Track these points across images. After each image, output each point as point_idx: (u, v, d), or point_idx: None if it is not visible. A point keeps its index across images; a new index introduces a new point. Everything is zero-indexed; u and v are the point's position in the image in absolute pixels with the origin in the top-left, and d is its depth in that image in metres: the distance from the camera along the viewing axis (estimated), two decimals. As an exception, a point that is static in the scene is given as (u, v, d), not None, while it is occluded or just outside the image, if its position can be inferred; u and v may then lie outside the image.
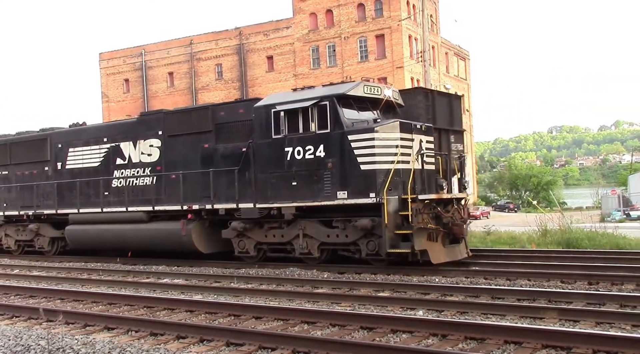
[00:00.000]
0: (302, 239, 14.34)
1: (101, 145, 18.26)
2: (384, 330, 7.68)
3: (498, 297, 9.88)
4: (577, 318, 8.03)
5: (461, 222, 13.84)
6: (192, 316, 9.34)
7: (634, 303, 8.88)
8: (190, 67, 59.81)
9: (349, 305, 9.74)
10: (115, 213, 17.57)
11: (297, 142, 14.11)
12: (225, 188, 15.33)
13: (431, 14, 50.76)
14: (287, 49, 54.96)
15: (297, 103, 14.15)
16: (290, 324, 8.37)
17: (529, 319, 8.24)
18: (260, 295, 10.96)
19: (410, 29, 50.78)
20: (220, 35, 59.07)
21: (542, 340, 6.73)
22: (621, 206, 45.95)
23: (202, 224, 16.08)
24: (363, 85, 14.10)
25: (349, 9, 51.94)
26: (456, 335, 7.22)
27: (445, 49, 59.78)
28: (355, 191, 13.30)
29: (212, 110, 16.12)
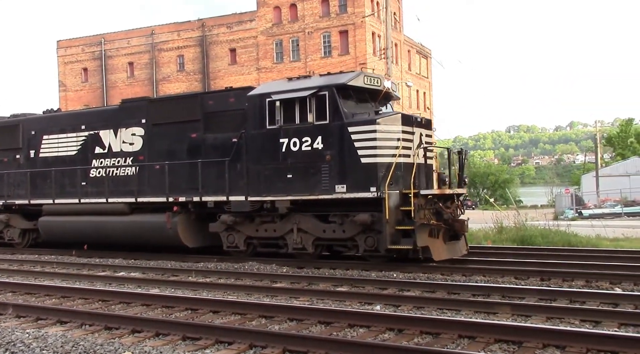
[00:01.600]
0: (297, 234, 13.85)
1: (79, 133, 17.45)
2: (341, 325, 7.73)
3: (454, 292, 10.06)
4: (529, 313, 8.23)
5: (462, 218, 13.53)
6: (148, 310, 9.23)
7: (583, 299, 9.15)
8: (151, 58, 58.84)
9: (307, 300, 9.77)
10: (94, 204, 16.79)
11: (294, 133, 13.56)
12: (215, 180, 14.76)
13: (395, 11, 51.08)
14: (250, 42, 54.57)
15: (294, 92, 13.61)
16: (248, 318, 8.36)
17: (483, 314, 8.39)
18: (219, 289, 10.90)
19: (374, 26, 51.03)
20: (183, 26, 58.26)
21: (495, 335, 6.88)
22: (574, 204, 47.20)
23: (188, 217, 15.49)
24: (363, 75, 13.65)
25: (313, 4, 51.86)
26: (412, 330, 7.31)
27: (407, 47, 60.29)
28: (354, 185, 12.87)
29: (200, 98, 15.57)
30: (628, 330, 7.37)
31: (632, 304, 8.75)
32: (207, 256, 15.47)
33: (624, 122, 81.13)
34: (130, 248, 17.31)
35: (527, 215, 23.93)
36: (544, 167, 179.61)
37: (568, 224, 21.23)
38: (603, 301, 9.02)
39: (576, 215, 40.25)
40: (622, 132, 76.59)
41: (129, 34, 60.42)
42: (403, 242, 12.59)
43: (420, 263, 12.98)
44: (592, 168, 62.49)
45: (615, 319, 7.73)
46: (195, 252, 15.89)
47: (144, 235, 16.06)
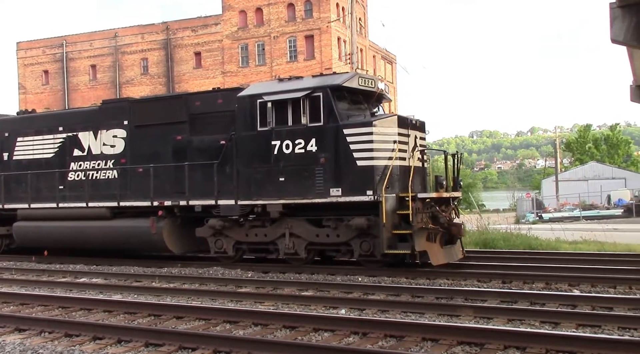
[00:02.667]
0: (289, 239, 13.46)
1: (56, 135, 16.72)
2: (306, 329, 7.73)
3: (418, 295, 10.15)
4: (491, 315, 8.37)
5: (459, 222, 13.33)
6: (110, 316, 9.07)
7: (542, 301, 9.34)
8: (115, 61, 58.00)
9: (272, 304, 9.75)
10: (73, 208, 16.09)
11: (286, 135, 13.20)
12: (202, 184, 14.29)
13: (360, 17, 51.46)
14: (215, 45, 54.29)
15: (286, 93, 13.25)
16: (212, 323, 8.29)
17: (446, 317, 8.50)
18: (183, 295, 10.79)
19: (340, 31, 51.31)
20: (147, 29, 57.64)
21: (458, 337, 6.97)
22: (534, 208, 48.21)
23: (173, 222, 14.94)
24: (358, 76, 13.37)
25: (279, 9, 51.89)
26: (376, 333, 7.36)
27: (373, 52, 60.77)
28: (350, 188, 12.56)
29: (186, 99, 15.09)
30: (585, 331, 7.56)
31: (590, 306, 8.97)
32: (171, 262, 15.29)
33: (582, 127, 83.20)
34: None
35: (489, 219, 24.33)
36: (506, 172, 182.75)
37: (529, 228, 21.64)
38: (562, 302, 9.21)
39: (537, 219, 41.11)
40: (580, 137, 78.53)
41: (91, 36, 59.48)
42: (400, 247, 12.35)
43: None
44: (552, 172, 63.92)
45: (574, 320, 7.91)
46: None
47: (127, 241, 15.52)
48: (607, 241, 18.11)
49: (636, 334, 7.28)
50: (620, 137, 79.73)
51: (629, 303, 8.92)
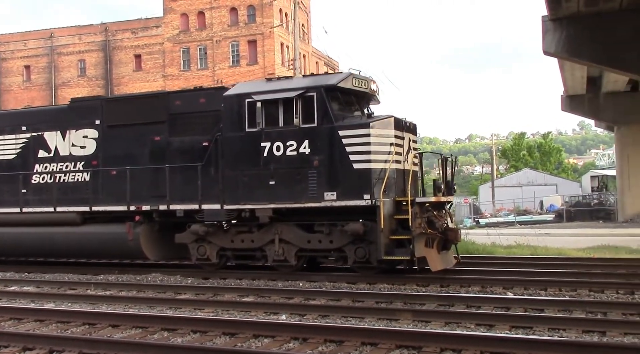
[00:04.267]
0: (278, 245, 12.90)
1: (18, 135, 15.66)
2: (246, 335, 7.67)
3: (358, 300, 10.23)
4: (429, 319, 8.51)
5: (455, 227, 13.05)
6: (41, 326, 8.75)
7: (478, 304, 9.59)
8: (50, 61, 56.18)
9: (212, 311, 9.63)
10: (40, 213, 15.03)
11: (277, 136, 12.62)
12: (184, 187, 13.58)
13: (303, 23, 51.68)
14: (156, 48, 53.39)
15: (277, 93, 12.69)
16: (149, 331, 8.11)
17: (385, 321, 8.60)
18: (119, 302, 10.51)
19: (283, 37, 51.37)
20: (84, 29, 56.13)
21: (396, 341, 7.07)
22: (472, 213, 49.49)
23: (151, 227, 14.15)
24: (352, 77, 12.85)
25: (221, 12, 51.52)
26: (316, 338, 7.37)
27: (315, 58, 61.09)
28: (346, 192, 12.07)
29: (165, 98, 14.35)
30: (518, 332, 7.79)
31: (522, 308, 9.26)
32: (108, 268, 14.90)
33: (517, 135, 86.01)
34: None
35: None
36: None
37: (466, 233, 22.16)
38: (496, 305, 9.48)
39: (474, 224, 42.14)
40: (515, 145, 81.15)
41: (25, 36, 57.44)
42: (398, 252, 11.94)
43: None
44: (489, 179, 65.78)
45: (507, 322, 8.15)
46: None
47: (100, 248, 14.64)
48: (540, 246, 18.75)
49: (565, 335, 7.57)
50: (552, 145, 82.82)
51: (559, 305, 9.26)
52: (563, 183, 61.64)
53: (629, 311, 8.86)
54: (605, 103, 34.99)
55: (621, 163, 36.40)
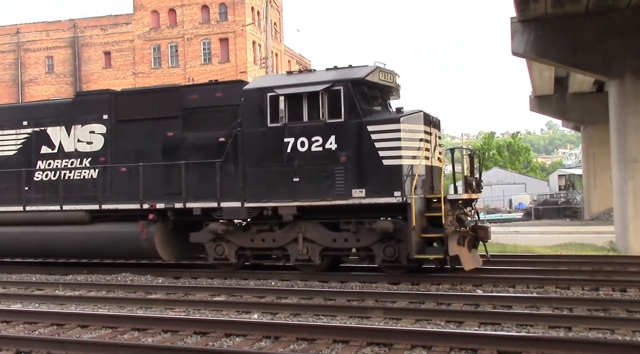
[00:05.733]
0: (302, 244, 12.51)
1: (19, 130, 15.02)
2: (217, 334, 7.66)
3: (330, 298, 10.27)
4: (400, 316, 8.60)
5: (485, 225, 12.78)
6: (8, 327, 8.60)
7: (448, 301, 9.71)
8: (17, 58, 55.02)
9: (183, 310, 9.58)
10: (45, 212, 14.38)
11: (301, 131, 12.19)
12: (201, 184, 13.09)
13: (275, 22, 51.55)
14: (126, 45, 52.68)
15: (302, 87, 12.25)
16: (119, 331, 8.04)
17: (357, 319, 8.67)
18: (89, 303, 10.39)
19: (255, 35, 51.18)
20: (52, 26, 55.08)
21: (367, 338, 7.13)
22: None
23: (165, 226, 13.65)
24: (379, 70, 12.48)
25: (192, 10, 51.08)
26: (288, 336, 7.40)
27: (288, 57, 61.00)
28: (375, 189, 11.71)
29: (179, 92, 13.86)
30: (487, 329, 7.93)
31: (491, 305, 9.41)
32: (77, 268, 14.69)
33: (487, 135, 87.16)
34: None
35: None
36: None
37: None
38: (466, 302, 9.60)
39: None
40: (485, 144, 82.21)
41: (-10, 31, 56.14)
42: (430, 251, 11.66)
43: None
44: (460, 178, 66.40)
45: (477, 319, 8.28)
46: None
47: (110, 248, 14.05)
48: (509, 243, 19.04)
49: (532, 331, 7.72)
50: (521, 145, 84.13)
51: (526, 302, 9.43)
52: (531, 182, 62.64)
53: (593, 306, 9.08)
54: (572, 103, 35.67)
55: (587, 162, 37.15)
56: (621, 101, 18.66)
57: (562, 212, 43.46)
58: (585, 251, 18.23)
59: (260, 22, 48.81)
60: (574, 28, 18.96)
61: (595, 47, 18.78)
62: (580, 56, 19.34)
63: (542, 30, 19.45)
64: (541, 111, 38.67)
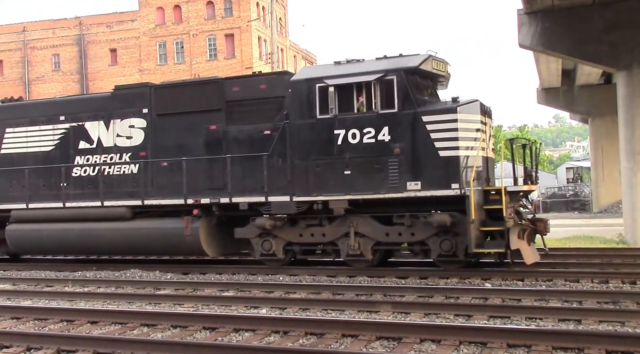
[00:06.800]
0: (354, 238, 12.24)
1: (56, 125, 14.75)
2: (226, 329, 7.67)
3: (338, 293, 10.29)
4: (409, 310, 8.59)
5: (544, 218, 12.42)
6: (18, 323, 8.66)
7: (457, 295, 9.69)
8: (23, 56, 55.23)
9: (192, 306, 9.60)
10: (85, 208, 14.18)
11: (352, 123, 11.91)
12: (247, 178, 12.85)
13: (280, 17, 51.50)
14: (132, 42, 52.79)
15: (352, 77, 11.96)
16: (129, 327, 8.07)
17: (365, 313, 8.66)
18: (98, 299, 10.44)
19: (260, 30, 51.14)
20: (58, 23, 55.25)
21: (377, 332, 7.12)
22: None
23: (209, 221, 13.42)
24: (432, 59, 12.19)
25: (198, 6, 51.11)
26: (297, 331, 7.40)
27: (293, 52, 60.95)
28: (431, 181, 11.43)
29: (222, 84, 13.48)
30: (496, 322, 7.91)
31: (500, 298, 9.39)
32: (86, 265, 14.76)
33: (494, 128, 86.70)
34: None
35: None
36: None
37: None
38: (475, 296, 9.59)
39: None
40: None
41: (-4, 30, 56.39)
42: (489, 245, 11.41)
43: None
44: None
45: (485, 313, 8.27)
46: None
47: (152, 244, 13.80)
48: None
49: (542, 324, 7.69)
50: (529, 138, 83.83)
51: (535, 295, 9.41)
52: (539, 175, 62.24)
53: (603, 299, 9.05)
54: (580, 95, 35.47)
55: (595, 154, 36.94)
56: (629, 92, 18.52)
57: (570, 205, 43.24)
58: (594, 243, 18.14)
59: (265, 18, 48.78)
60: (581, 19, 18.82)
61: (603, 39, 18.64)
62: (587, 48, 19.20)
63: (548, 22, 19.32)
64: (548, 104, 38.47)
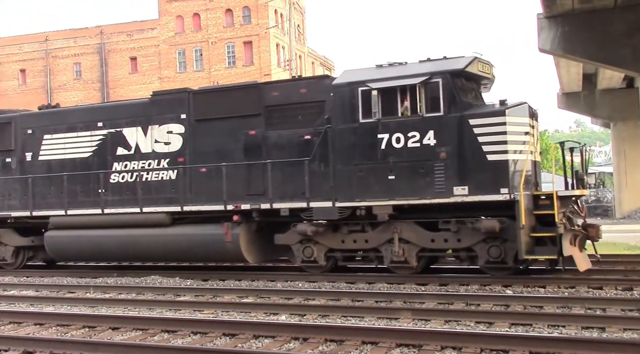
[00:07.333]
0: (398, 245, 12.07)
1: (94, 132, 14.76)
2: (246, 336, 7.69)
3: (358, 300, 10.25)
4: (429, 317, 8.53)
5: (595, 223, 12.25)
6: (41, 329, 8.75)
7: (478, 302, 9.60)
8: (46, 65, 56.09)
9: (212, 312, 9.64)
10: (123, 215, 14.18)
11: (396, 127, 11.77)
12: (287, 184, 12.72)
13: (298, 24, 51.71)
14: (152, 50, 53.33)
15: (397, 80, 11.80)
16: (149, 333, 8.12)
17: (385, 320, 8.62)
18: (119, 305, 10.51)
19: (278, 37, 51.39)
20: (79, 32, 56.03)
21: (397, 339, 7.09)
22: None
23: (249, 228, 13.31)
24: (478, 61, 12.00)
25: (216, 14, 51.51)
26: (317, 338, 7.39)
27: (311, 59, 61.11)
28: (479, 186, 11.22)
29: (261, 89, 13.44)
30: (518, 329, 7.82)
31: (522, 305, 9.29)
32: (107, 271, 14.88)
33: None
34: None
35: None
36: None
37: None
38: (496, 303, 9.49)
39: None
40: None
41: (20, 40, 57.37)
42: (541, 251, 11.09)
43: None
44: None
45: (507, 320, 8.18)
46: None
47: (191, 250, 13.71)
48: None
49: (564, 331, 7.59)
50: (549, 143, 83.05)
51: (558, 302, 9.29)
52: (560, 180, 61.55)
53: (627, 307, 8.91)
54: (601, 100, 35.11)
55: (618, 159, 36.50)
56: (652, 96, 18.29)
57: (592, 211, 42.64)
58: (617, 250, 17.87)
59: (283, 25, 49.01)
60: (602, 23, 18.67)
61: (625, 42, 18.46)
62: (609, 51, 19.03)
63: (569, 26, 19.17)
64: (569, 108, 38.13)
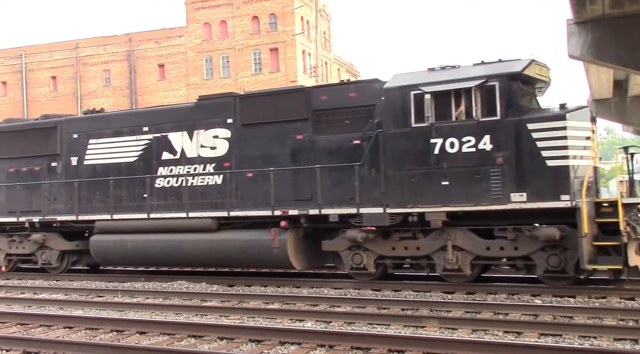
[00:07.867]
0: (452, 252, 11.74)
1: (139, 136, 14.79)
2: (272, 342, 7.70)
3: (384, 307, 10.20)
4: (456, 326, 8.45)
5: None
6: (71, 332, 8.87)
7: (506, 311, 9.48)
8: (76, 72, 57.06)
9: (238, 318, 9.67)
10: (169, 220, 14.14)
11: (450, 131, 11.50)
12: (335, 189, 12.58)
13: (324, 30, 51.86)
14: (179, 57, 53.92)
15: (451, 83, 11.53)
16: (176, 338, 8.18)
17: (412, 329, 8.56)
18: (146, 309, 10.62)
19: (304, 44, 51.56)
20: (109, 40, 56.90)
21: (423, 348, 7.03)
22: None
23: (297, 233, 13.21)
24: (535, 63, 11.69)
25: (243, 21, 51.90)
26: (343, 345, 7.37)
27: (337, 66, 61.16)
28: (538, 192, 10.89)
29: (308, 93, 13.27)
30: (547, 340, 7.69)
31: (551, 315, 9.14)
32: (134, 275, 15.04)
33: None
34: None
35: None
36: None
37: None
38: (524, 312, 9.38)
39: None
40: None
41: (51, 47, 58.45)
42: (604, 261, 10.58)
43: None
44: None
45: (536, 330, 8.06)
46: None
47: (238, 256, 13.61)
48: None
49: (596, 343, 7.44)
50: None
51: (588, 312, 9.13)
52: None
53: (661, 318, 8.70)
54: (632, 106, 34.37)
55: (650, 167, 35.76)
56: (685, 103, 17.88)
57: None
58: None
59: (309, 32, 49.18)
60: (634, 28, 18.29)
61: (657, 48, 18.07)
62: (641, 57, 18.64)
63: (599, 32, 18.81)
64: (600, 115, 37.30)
